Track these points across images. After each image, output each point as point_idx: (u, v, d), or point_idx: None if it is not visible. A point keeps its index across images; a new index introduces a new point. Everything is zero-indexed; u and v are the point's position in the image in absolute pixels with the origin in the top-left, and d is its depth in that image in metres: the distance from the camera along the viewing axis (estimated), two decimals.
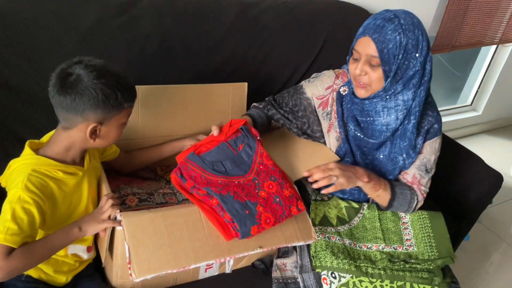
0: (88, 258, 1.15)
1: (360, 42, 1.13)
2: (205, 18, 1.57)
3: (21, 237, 0.89)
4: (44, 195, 0.95)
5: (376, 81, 1.14)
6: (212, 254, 1.02)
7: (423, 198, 1.30)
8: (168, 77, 1.47)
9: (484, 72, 3.05)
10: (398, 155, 1.26)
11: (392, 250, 1.22)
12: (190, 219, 1.05)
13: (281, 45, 1.72)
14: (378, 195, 1.25)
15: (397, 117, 1.20)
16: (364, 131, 1.26)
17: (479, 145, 3.05)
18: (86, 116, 0.96)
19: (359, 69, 1.14)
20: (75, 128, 0.98)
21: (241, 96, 1.47)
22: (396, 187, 1.26)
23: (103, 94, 0.94)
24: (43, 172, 0.97)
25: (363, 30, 1.13)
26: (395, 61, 1.10)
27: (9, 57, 1.23)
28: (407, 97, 1.16)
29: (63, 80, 0.94)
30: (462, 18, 2.38)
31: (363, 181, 1.21)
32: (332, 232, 1.22)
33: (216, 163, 1.14)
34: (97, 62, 0.97)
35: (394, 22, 1.09)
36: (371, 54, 1.11)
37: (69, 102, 0.93)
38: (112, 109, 0.98)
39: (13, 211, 0.90)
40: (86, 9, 1.35)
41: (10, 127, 1.25)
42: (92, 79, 0.93)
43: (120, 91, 0.97)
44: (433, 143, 1.28)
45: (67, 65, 0.96)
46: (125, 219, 0.99)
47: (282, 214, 1.09)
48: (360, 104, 1.22)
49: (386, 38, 1.08)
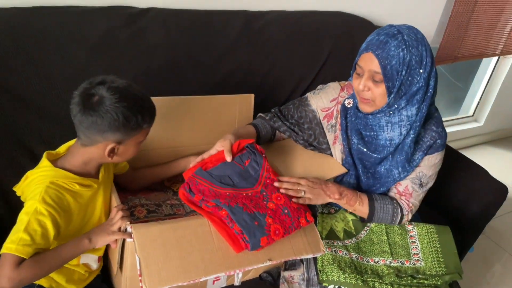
0: (96, 268, 1.16)
1: (363, 57, 1.13)
2: (210, 29, 1.58)
3: (32, 248, 0.90)
4: (60, 208, 0.97)
5: (379, 97, 1.14)
6: (222, 267, 1.02)
7: (410, 211, 1.28)
8: (174, 89, 1.47)
9: (485, 83, 3.06)
10: (394, 168, 1.26)
11: (399, 265, 1.22)
12: (200, 231, 1.05)
13: (286, 56, 1.73)
14: (355, 209, 1.26)
15: (400, 132, 1.20)
16: (367, 145, 1.27)
17: (480, 156, 3.05)
18: (106, 137, 0.98)
19: (362, 85, 1.14)
20: (94, 146, 1.00)
21: (247, 108, 1.48)
22: (376, 202, 1.26)
23: (124, 117, 0.96)
24: (60, 185, 0.99)
25: (366, 46, 1.13)
26: (399, 77, 1.10)
27: (18, 68, 1.24)
28: (411, 112, 1.16)
29: (86, 100, 0.95)
30: (465, 30, 2.40)
31: (334, 198, 1.22)
32: (339, 245, 1.22)
33: (224, 177, 1.14)
34: (120, 84, 0.98)
35: (397, 38, 1.08)
36: (374, 70, 1.11)
37: (90, 122, 0.95)
38: (132, 130, 1.00)
39: (27, 222, 0.91)
40: (94, 21, 1.37)
41: (19, 138, 1.25)
42: (114, 102, 0.94)
43: (141, 113, 0.99)
44: (433, 157, 1.26)
45: (90, 84, 0.97)
46: (136, 231, 0.99)
47: (291, 225, 1.09)
48: (364, 119, 1.23)
49: (390, 54, 1.08)
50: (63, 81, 1.29)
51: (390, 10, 2.15)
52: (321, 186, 1.22)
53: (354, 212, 1.29)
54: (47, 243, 0.94)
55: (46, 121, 1.29)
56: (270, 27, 1.71)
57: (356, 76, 1.18)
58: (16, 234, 0.90)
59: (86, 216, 1.07)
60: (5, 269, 0.87)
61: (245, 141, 1.21)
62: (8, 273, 0.87)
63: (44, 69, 1.27)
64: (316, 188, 1.21)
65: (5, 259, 0.88)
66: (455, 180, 1.68)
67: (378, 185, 1.31)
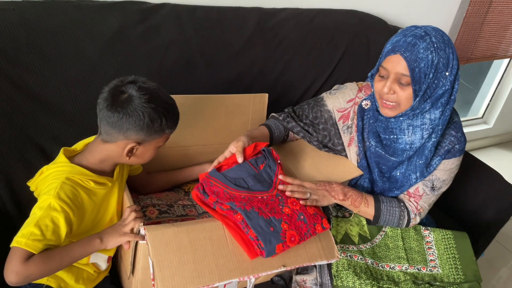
0: (105, 268, 1.14)
1: (389, 59, 1.09)
2: (224, 27, 1.56)
3: (43, 243, 0.89)
4: (74, 205, 0.96)
5: (404, 101, 1.11)
6: (236, 272, 1.00)
7: (417, 214, 1.25)
8: (187, 87, 1.46)
9: (496, 85, 3.03)
10: (412, 173, 1.23)
11: (416, 271, 1.19)
12: (214, 234, 1.03)
13: (300, 55, 1.71)
14: (360, 211, 1.24)
15: (422, 136, 1.17)
16: (385, 148, 1.24)
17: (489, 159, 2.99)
18: (128, 135, 0.98)
19: (387, 88, 1.10)
20: (114, 143, 1.00)
21: (261, 107, 1.46)
22: (382, 203, 1.23)
23: (149, 118, 0.96)
24: (76, 181, 0.99)
25: (392, 47, 1.08)
26: (426, 80, 1.07)
27: (31, 64, 1.21)
28: (434, 116, 1.13)
29: (115, 97, 0.96)
30: (479, 31, 2.38)
31: (338, 199, 1.20)
32: (354, 250, 1.20)
33: (238, 179, 1.12)
34: (151, 85, 0.99)
35: (426, 40, 1.05)
36: (401, 73, 1.07)
37: (116, 119, 0.95)
38: (154, 133, 1.00)
39: (39, 217, 0.90)
40: (107, 17, 1.34)
41: (29, 135, 1.23)
42: (143, 102, 0.95)
43: (166, 118, 1.00)
44: (449, 162, 1.23)
45: (121, 82, 0.98)
46: (150, 233, 0.96)
47: (306, 232, 1.07)
48: (385, 122, 1.20)
49: (418, 57, 1.05)
50: (76, 78, 1.27)
51: (405, 10, 2.12)
52: (325, 187, 1.20)
53: (359, 214, 1.26)
54: (58, 239, 0.93)
55: (57, 118, 1.26)
56: (284, 25, 1.68)
57: (379, 78, 1.14)
58: (27, 228, 0.89)
59: (98, 215, 1.06)
60: (13, 263, 0.86)
61: (261, 144, 1.19)
62: (16, 267, 0.85)
63: (56, 65, 1.25)
64: (320, 190, 1.18)
65: (14, 253, 0.87)
66: (470, 185, 1.65)
67: (394, 189, 1.28)
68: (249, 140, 1.19)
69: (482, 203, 1.62)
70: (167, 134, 1.05)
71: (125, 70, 1.33)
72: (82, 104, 1.28)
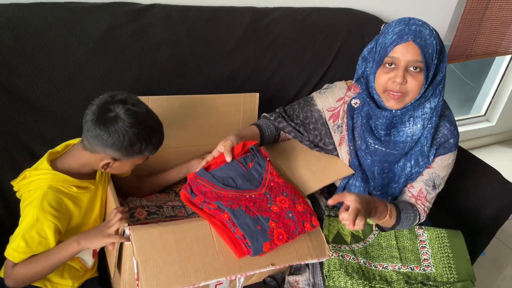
0: (91, 264, 1.15)
1: (398, 48, 1.06)
2: (216, 26, 1.55)
3: (27, 254, 0.97)
4: (59, 212, 0.99)
5: (416, 89, 1.08)
6: (222, 271, 0.99)
7: (425, 215, 1.25)
8: (178, 87, 1.45)
9: (498, 82, 2.99)
10: (407, 161, 1.21)
11: (409, 271, 1.17)
12: (200, 233, 1.02)
13: (293, 54, 1.69)
14: (383, 222, 1.20)
15: (423, 125, 1.15)
16: (385, 144, 1.20)
17: (492, 157, 2.99)
18: (106, 151, 1.00)
19: (400, 77, 1.07)
20: (92, 154, 1.02)
21: (252, 107, 1.45)
22: (402, 213, 1.19)
23: (129, 142, 0.98)
24: (58, 189, 1.01)
25: (399, 36, 1.06)
26: (433, 66, 1.08)
27: (19, 66, 1.21)
28: (434, 104, 1.13)
29: (101, 113, 0.97)
30: (478, 28, 2.34)
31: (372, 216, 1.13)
32: (346, 250, 1.18)
33: (227, 178, 1.11)
34: (139, 108, 1.00)
35: (426, 27, 1.07)
36: (414, 60, 1.05)
37: (97, 134, 0.97)
38: (132, 154, 1.02)
39: (25, 229, 0.96)
40: (97, 18, 1.34)
41: (18, 137, 1.23)
42: (126, 125, 0.96)
43: (147, 143, 1.01)
44: (445, 158, 1.22)
45: (112, 97, 0.99)
46: (134, 233, 0.96)
47: (295, 230, 1.05)
48: (389, 117, 1.15)
49: (427, 42, 1.05)
50: (64, 79, 1.27)
51: (401, 7, 2.11)
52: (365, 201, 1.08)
53: (380, 223, 1.20)
54: (47, 248, 0.99)
55: (46, 119, 1.26)
56: (277, 24, 1.67)
57: (384, 71, 1.10)
58: (15, 239, 0.96)
59: (84, 217, 1.08)
60: (5, 269, 0.99)
61: (249, 143, 1.18)
62: (7, 273, 0.98)
63: (45, 67, 1.25)
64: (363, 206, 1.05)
65: (7, 260, 0.98)
66: (468, 183, 1.63)
67: (392, 183, 1.27)
68: (238, 139, 1.18)
69: (481, 202, 1.60)
70: (146, 155, 1.07)
71: (114, 71, 1.32)
72: (70, 105, 1.28)
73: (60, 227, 0.99)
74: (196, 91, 1.45)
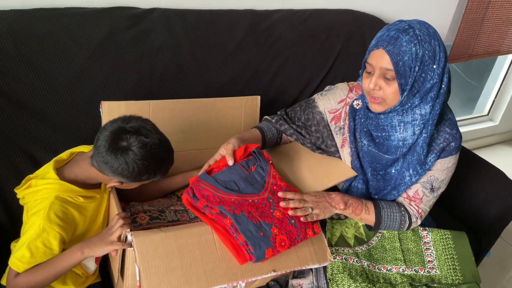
0: (93, 270, 1.15)
1: (373, 55, 1.07)
2: (216, 30, 1.55)
3: (31, 265, 0.97)
4: (65, 223, 1.00)
5: (391, 96, 1.08)
6: (224, 278, 0.98)
7: (419, 217, 1.22)
8: (179, 91, 1.45)
9: (501, 81, 2.98)
10: (405, 170, 1.20)
11: (413, 273, 1.16)
12: (203, 239, 1.01)
13: (294, 57, 1.69)
14: (361, 218, 1.21)
15: (414, 132, 1.14)
16: (378, 147, 1.21)
17: (496, 156, 2.97)
18: (114, 177, 1.01)
19: (373, 83, 1.08)
20: (101, 172, 1.01)
21: (253, 110, 1.44)
22: (383, 210, 1.20)
23: (138, 173, 0.99)
24: (65, 199, 1.02)
25: (376, 42, 1.07)
26: (412, 74, 1.04)
27: (20, 72, 1.21)
28: (424, 111, 1.11)
29: (114, 141, 0.97)
30: (479, 27, 2.33)
31: (339, 208, 1.17)
32: (349, 253, 1.17)
33: (229, 182, 1.10)
34: (152, 140, 0.99)
35: (409, 33, 1.03)
36: (385, 67, 1.05)
37: (107, 161, 0.97)
38: (140, 181, 1.04)
39: (30, 239, 0.96)
40: (97, 23, 1.34)
41: (19, 144, 1.23)
42: (137, 158, 0.97)
43: (155, 173, 1.03)
44: (445, 161, 1.20)
45: (125, 123, 0.98)
46: (136, 239, 0.95)
47: (297, 236, 1.05)
48: (375, 119, 1.17)
49: (401, 50, 1.02)
50: (64, 85, 1.27)
51: (402, 7, 2.10)
52: (325, 199, 1.17)
53: (361, 221, 1.23)
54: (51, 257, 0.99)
55: (47, 125, 1.26)
56: (277, 27, 1.67)
57: (366, 75, 1.12)
58: (20, 249, 0.96)
59: (89, 225, 1.09)
60: (8, 278, 0.98)
61: (251, 146, 1.17)
62: (9, 282, 0.97)
63: (45, 73, 1.25)
64: (322, 202, 1.15)
65: (9, 270, 0.98)
66: (472, 184, 1.62)
67: (389, 187, 1.25)
68: (240, 142, 1.17)
69: (485, 202, 1.59)
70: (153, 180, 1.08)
71: (115, 75, 1.33)
72: (71, 110, 1.28)
73: (65, 237, 1.00)
74: (196, 95, 1.45)
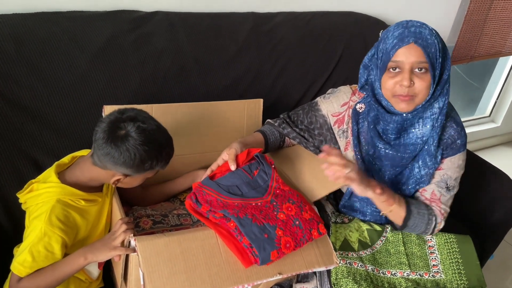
0: (97, 275, 1.14)
1: (401, 51, 1.05)
2: (218, 33, 1.54)
3: (33, 269, 0.96)
4: (66, 226, 0.99)
5: (424, 90, 1.08)
6: (229, 281, 0.98)
7: (443, 218, 1.20)
8: (181, 94, 1.45)
9: (502, 83, 2.98)
10: (415, 162, 1.19)
11: (418, 277, 1.15)
12: (207, 243, 1.01)
13: (296, 59, 1.69)
14: (391, 210, 1.16)
15: (432, 126, 1.14)
16: (395, 148, 1.19)
17: (497, 158, 2.96)
18: (117, 169, 1.00)
19: (406, 80, 1.06)
20: (103, 170, 1.01)
21: (256, 113, 1.44)
22: (412, 205, 1.17)
23: (140, 159, 0.98)
24: (67, 202, 1.01)
25: (399, 40, 1.05)
26: (438, 66, 1.07)
27: (22, 76, 1.21)
28: (442, 103, 1.12)
29: (112, 131, 0.96)
30: (481, 29, 2.33)
31: (375, 192, 1.09)
32: (353, 257, 1.16)
33: (232, 187, 1.10)
34: (149, 125, 0.99)
35: (425, 28, 1.06)
36: (418, 61, 1.05)
37: (108, 152, 0.96)
38: (143, 170, 1.02)
39: (32, 243, 0.95)
40: (99, 26, 1.34)
41: (21, 147, 1.22)
42: (138, 144, 0.96)
43: (158, 159, 1.02)
44: (455, 159, 1.20)
45: (122, 114, 0.99)
46: (140, 244, 0.95)
47: (302, 237, 1.04)
48: (400, 122, 1.14)
49: (428, 42, 1.05)
50: (67, 89, 1.26)
51: (404, 9, 2.10)
52: (366, 175, 1.12)
53: (390, 214, 1.17)
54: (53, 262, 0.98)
55: (49, 130, 1.25)
56: (279, 29, 1.67)
57: (390, 76, 1.09)
58: (21, 253, 0.95)
59: (92, 230, 1.08)
60: (10, 283, 0.97)
61: (254, 150, 1.17)
62: (12, 286, 0.96)
63: (47, 77, 1.24)
64: (363, 176, 1.10)
65: (12, 274, 0.97)
66: (475, 186, 1.61)
67: (399, 185, 1.24)
68: (242, 147, 1.17)
69: (489, 204, 1.58)
70: (156, 170, 1.07)
71: (117, 79, 1.32)
72: (74, 114, 1.27)
73: (67, 241, 0.99)
74: (199, 98, 1.44)
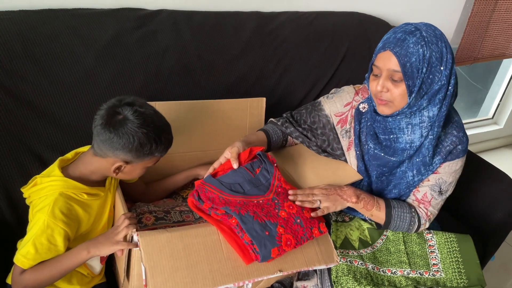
0: (99, 270, 1.15)
1: (380, 57, 1.08)
2: (222, 32, 1.55)
3: (36, 261, 0.97)
4: (69, 219, 1.00)
5: (399, 98, 1.08)
6: (230, 278, 0.98)
7: (427, 220, 1.22)
8: (185, 92, 1.45)
9: (506, 85, 2.97)
10: (409, 170, 1.20)
11: (418, 276, 1.16)
12: (208, 239, 1.01)
13: (300, 59, 1.69)
14: (372, 214, 1.21)
15: (421, 134, 1.14)
16: (385, 150, 1.21)
17: (500, 160, 2.96)
18: (117, 154, 1.01)
19: (380, 86, 1.08)
20: (103, 158, 1.03)
21: (259, 111, 1.45)
22: (393, 209, 1.21)
23: (139, 143, 0.99)
24: (69, 196, 1.02)
25: (383, 45, 1.08)
26: (419, 75, 1.04)
27: (28, 72, 1.22)
28: (432, 113, 1.11)
29: (110, 116, 0.98)
30: (485, 30, 2.33)
31: (351, 201, 1.18)
32: (354, 255, 1.17)
33: (234, 184, 1.10)
34: (147, 110, 1.01)
35: (415, 35, 1.03)
36: (392, 69, 1.05)
37: (107, 138, 0.98)
38: (143, 156, 1.03)
39: (35, 235, 0.96)
40: (104, 24, 1.35)
41: (26, 143, 1.23)
42: (136, 126, 0.98)
43: (157, 143, 1.02)
44: (453, 164, 1.20)
45: (119, 101, 1.00)
46: (142, 239, 0.95)
47: (303, 235, 1.05)
48: (383, 122, 1.17)
49: (408, 51, 1.03)
50: (72, 86, 1.27)
51: (407, 10, 2.10)
52: (336, 191, 1.17)
53: (371, 218, 1.23)
54: (56, 254, 0.99)
55: (54, 126, 1.27)
56: (283, 29, 1.67)
57: (373, 78, 1.12)
58: (25, 246, 0.96)
59: (94, 224, 1.09)
60: (13, 275, 0.98)
61: (256, 149, 1.17)
62: (15, 279, 0.97)
63: (53, 73, 1.25)
64: (332, 195, 1.16)
65: (14, 267, 0.98)
66: (477, 187, 1.61)
67: (390, 187, 1.26)
68: (245, 145, 1.18)
69: (490, 205, 1.58)
70: (157, 157, 1.08)
71: (122, 76, 1.33)
72: (78, 111, 1.28)
73: (70, 233, 1.00)
74: (202, 96, 1.45)
